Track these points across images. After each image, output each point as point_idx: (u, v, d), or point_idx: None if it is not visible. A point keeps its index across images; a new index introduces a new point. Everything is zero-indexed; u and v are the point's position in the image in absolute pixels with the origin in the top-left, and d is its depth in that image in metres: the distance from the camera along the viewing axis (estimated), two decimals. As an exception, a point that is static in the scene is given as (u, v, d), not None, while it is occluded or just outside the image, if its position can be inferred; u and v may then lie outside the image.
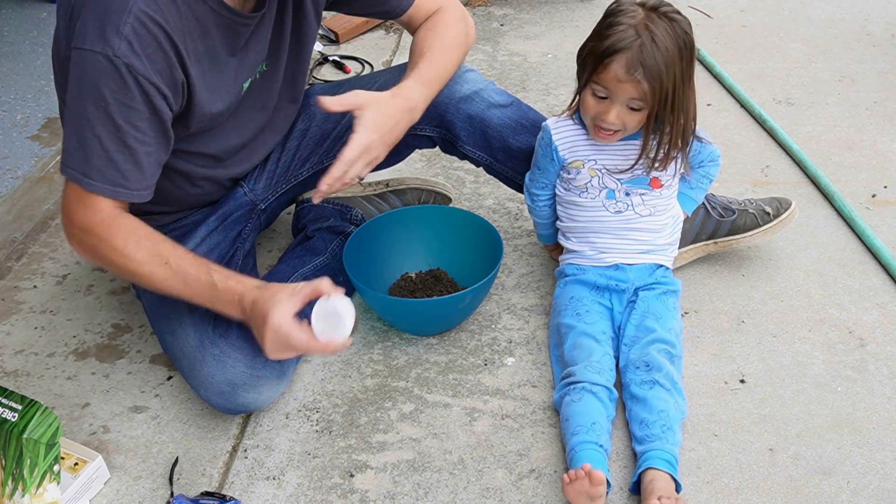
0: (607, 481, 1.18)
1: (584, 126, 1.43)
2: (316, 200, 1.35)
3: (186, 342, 1.32)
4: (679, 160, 1.44)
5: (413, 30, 1.54)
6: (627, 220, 1.45)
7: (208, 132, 1.35)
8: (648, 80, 1.27)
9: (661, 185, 1.45)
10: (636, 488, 1.20)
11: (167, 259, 1.21)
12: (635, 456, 1.25)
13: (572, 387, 1.30)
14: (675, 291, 1.45)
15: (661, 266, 1.47)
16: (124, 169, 1.18)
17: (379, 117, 1.33)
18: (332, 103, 1.31)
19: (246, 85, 1.34)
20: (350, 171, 1.31)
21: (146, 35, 1.13)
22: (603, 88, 1.33)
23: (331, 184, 1.31)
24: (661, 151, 1.39)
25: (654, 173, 1.43)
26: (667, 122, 1.35)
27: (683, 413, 1.29)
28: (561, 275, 1.51)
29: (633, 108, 1.33)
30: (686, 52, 1.30)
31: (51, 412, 1.17)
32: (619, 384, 1.36)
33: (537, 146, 1.50)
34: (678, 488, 1.18)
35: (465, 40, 1.53)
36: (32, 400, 1.18)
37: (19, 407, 1.18)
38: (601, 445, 1.22)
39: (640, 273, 1.44)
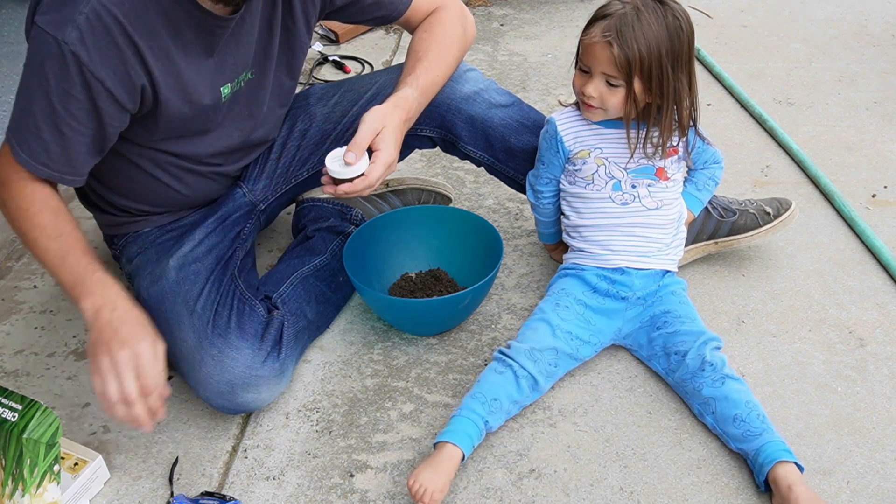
0: (463, 456, 1.23)
1: None
2: (325, 193, 1.35)
3: (185, 342, 1.32)
4: (681, 150, 1.45)
5: (412, 30, 1.53)
6: (634, 213, 1.45)
7: (194, 137, 1.35)
8: (620, 47, 1.30)
9: (668, 178, 1.45)
10: (766, 487, 1.21)
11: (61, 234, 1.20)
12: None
13: (502, 360, 1.33)
14: (685, 290, 1.46)
15: (668, 272, 1.47)
16: (52, 150, 1.19)
17: (393, 132, 1.33)
18: (359, 146, 1.29)
19: (226, 90, 1.32)
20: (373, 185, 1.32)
21: (100, 28, 1.12)
22: (584, 62, 1.37)
23: (348, 191, 1.31)
24: (655, 136, 1.40)
25: (659, 163, 1.44)
26: (654, 106, 1.36)
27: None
28: (565, 269, 1.51)
29: (611, 84, 1.35)
30: (676, 38, 1.33)
31: (51, 412, 1.17)
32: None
33: (541, 140, 1.50)
34: (801, 470, 1.21)
35: (464, 38, 1.52)
36: (32, 400, 1.18)
37: (19, 407, 1.18)
38: (487, 421, 1.26)
39: (645, 280, 1.44)
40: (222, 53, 1.28)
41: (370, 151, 1.31)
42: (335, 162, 1.29)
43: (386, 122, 1.32)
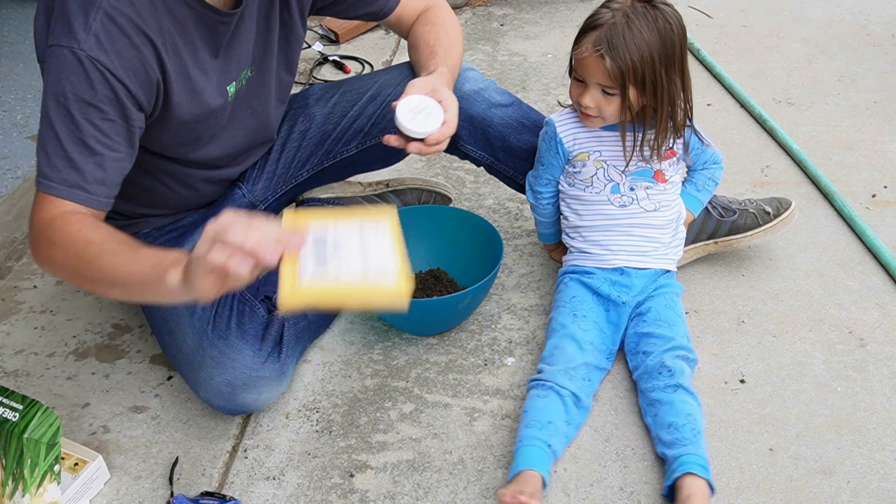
0: (543, 481, 1.18)
1: None
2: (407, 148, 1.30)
3: (185, 343, 1.32)
4: (679, 151, 1.45)
5: (404, 30, 1.53)
6: (632, 215, 1.45)
7: (201, 140, 1.34)
8: (612, 58, 1.29)
9: (666, 181, 1.45)
10: (670, 493, 1.19)
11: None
12: (660, 460, 1.25)
13: (541, 383, 1.31)
14: (678, 295, 1.45)
15: (667, 272, 1.47)
16: (84, 169, 1.11)
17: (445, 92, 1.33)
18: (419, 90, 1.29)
19: (231, 90, 1.32)
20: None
21: (116, 31, 1.10)
22: (578, 73, 1.36)
23: (440, 139, 1.28)
24: (651, 139, 1.40)
25: (657, 166, 1.44)
26: (649, 108, 1.36)
27: (703, 421, 1.28)
28: (566, 272, 1.50)
29: (607, 93, 1.34)
30: (669, 42, 1.32)
31: (51, 412, 1.17)
32: (636, 391, 1.37)
33: (541, 141, 1.50)
34: (713, 492, 1.18)
35: (461, 34, 1.54)
36: (33, 400, 1.19)
37: (20, 407, 1.18)
38: (549, 445, 1.22)
39: (644, 280, 1.44)
40: (226, 53, 1.28)
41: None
42: (409, 118, 1.21)
43: (434, 84, 1.32)
